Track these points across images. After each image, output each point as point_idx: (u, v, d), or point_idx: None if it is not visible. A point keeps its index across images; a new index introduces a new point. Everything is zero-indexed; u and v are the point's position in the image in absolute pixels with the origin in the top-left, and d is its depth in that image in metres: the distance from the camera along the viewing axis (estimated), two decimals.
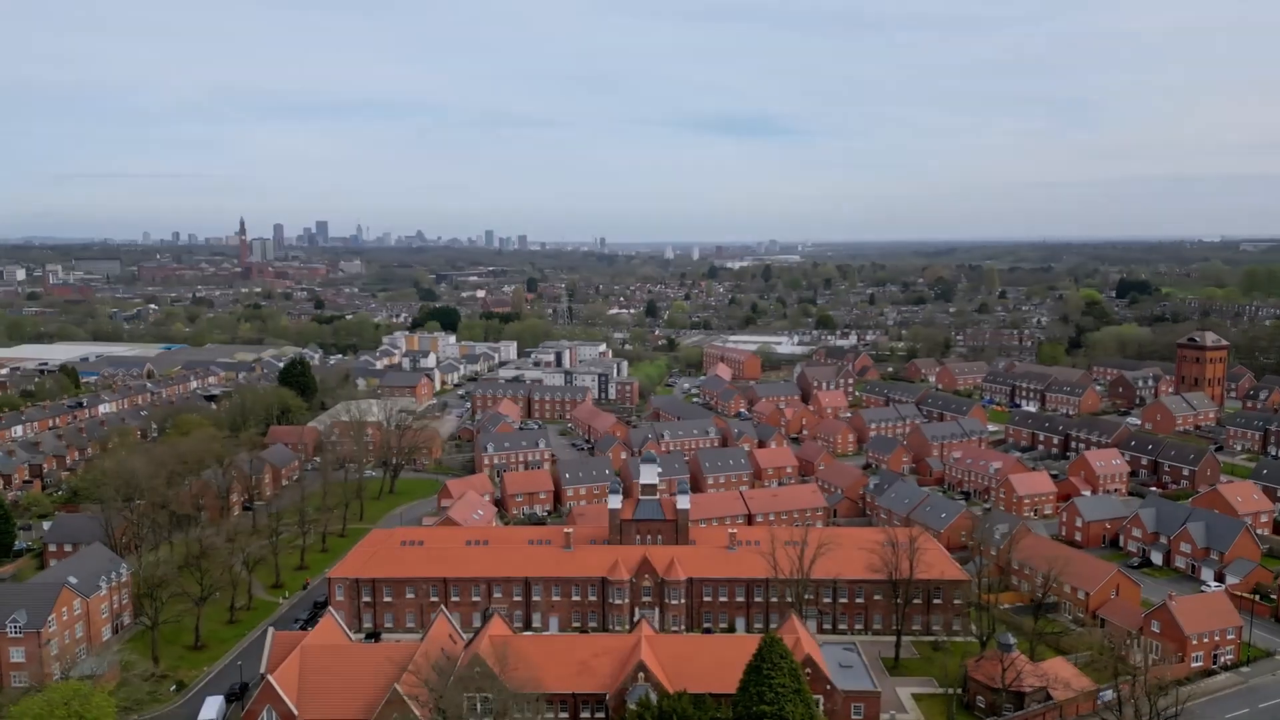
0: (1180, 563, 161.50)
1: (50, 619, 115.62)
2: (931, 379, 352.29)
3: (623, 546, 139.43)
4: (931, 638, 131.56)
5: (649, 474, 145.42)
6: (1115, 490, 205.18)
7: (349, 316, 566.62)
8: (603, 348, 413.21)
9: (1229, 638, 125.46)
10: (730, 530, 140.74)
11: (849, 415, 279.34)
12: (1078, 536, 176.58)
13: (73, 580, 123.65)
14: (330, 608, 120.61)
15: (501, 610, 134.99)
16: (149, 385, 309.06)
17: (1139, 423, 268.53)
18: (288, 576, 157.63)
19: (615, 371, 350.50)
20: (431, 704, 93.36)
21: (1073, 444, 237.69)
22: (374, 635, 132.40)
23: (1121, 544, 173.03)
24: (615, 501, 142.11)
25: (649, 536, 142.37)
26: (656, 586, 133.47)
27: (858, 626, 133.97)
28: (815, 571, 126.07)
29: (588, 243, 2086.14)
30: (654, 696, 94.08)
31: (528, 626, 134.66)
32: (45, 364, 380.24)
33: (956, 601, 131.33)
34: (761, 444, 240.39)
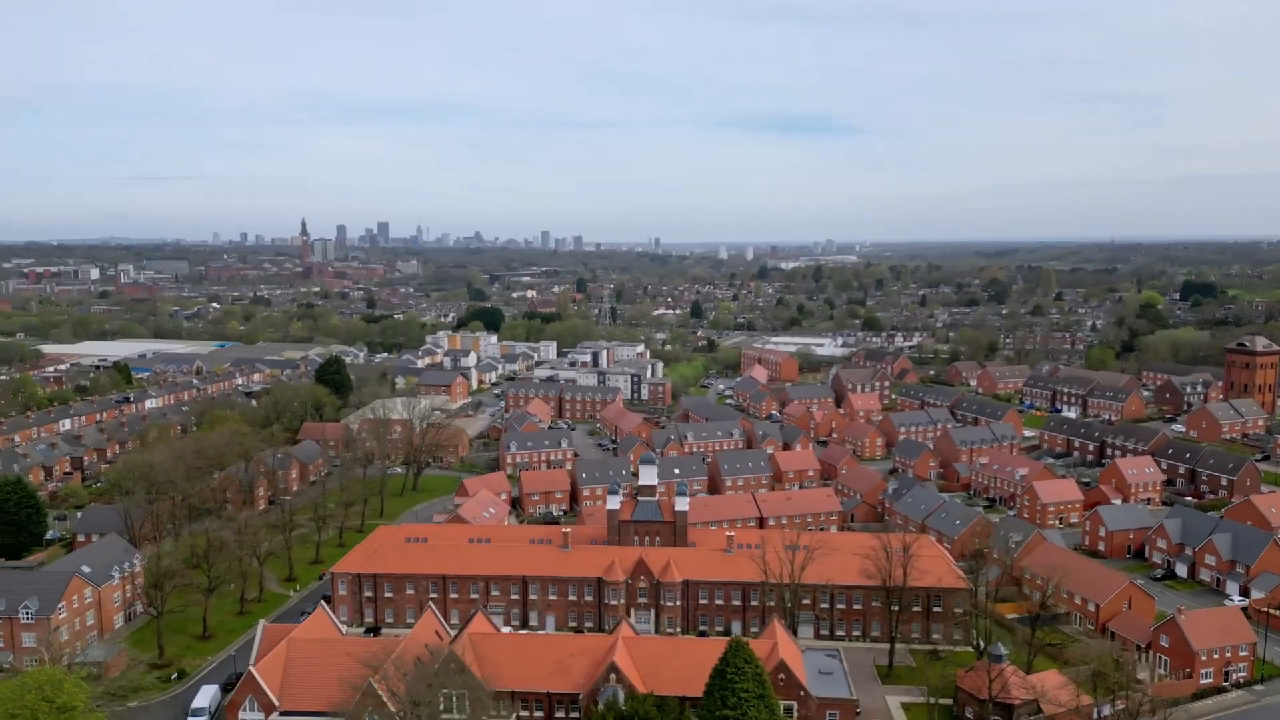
0: (1205, 576, 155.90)
1: (60, 606, 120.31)
2: (972, 383, 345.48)
3: (620, 547, 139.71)
4: (931, 646, 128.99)
5: (647, 475, 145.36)
6: (1148, 500, 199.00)
7: (398, 316, 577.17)
8: (640, 348, 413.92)
9: (1242, 654, 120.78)
10: (728, 533, 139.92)
11: (880, 419, 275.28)
12: (1101, 547, 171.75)
13: (85, 569, 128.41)
14: (323, 602, 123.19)
15: (499, 608, 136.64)
16: (195, 381, 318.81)
17: (1184, 430, 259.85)
18: (301, 570, 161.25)
19: (649, 372, 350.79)
20: (406, 699, 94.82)
21: (1109, 451, 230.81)
22: (374, 630, 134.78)
23: (1147, 555, 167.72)
24: (614, 502, 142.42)
25: (647, 538, 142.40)
26: (652, 588, 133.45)
27: (855, 633, 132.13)
28: (808, 576, 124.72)
29: (642, 243, 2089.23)
30: (622, 698, 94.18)
31: (525, 625, 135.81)
32: (104, 360, 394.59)
33: (956, 610, 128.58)
34: (786, 446, 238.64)
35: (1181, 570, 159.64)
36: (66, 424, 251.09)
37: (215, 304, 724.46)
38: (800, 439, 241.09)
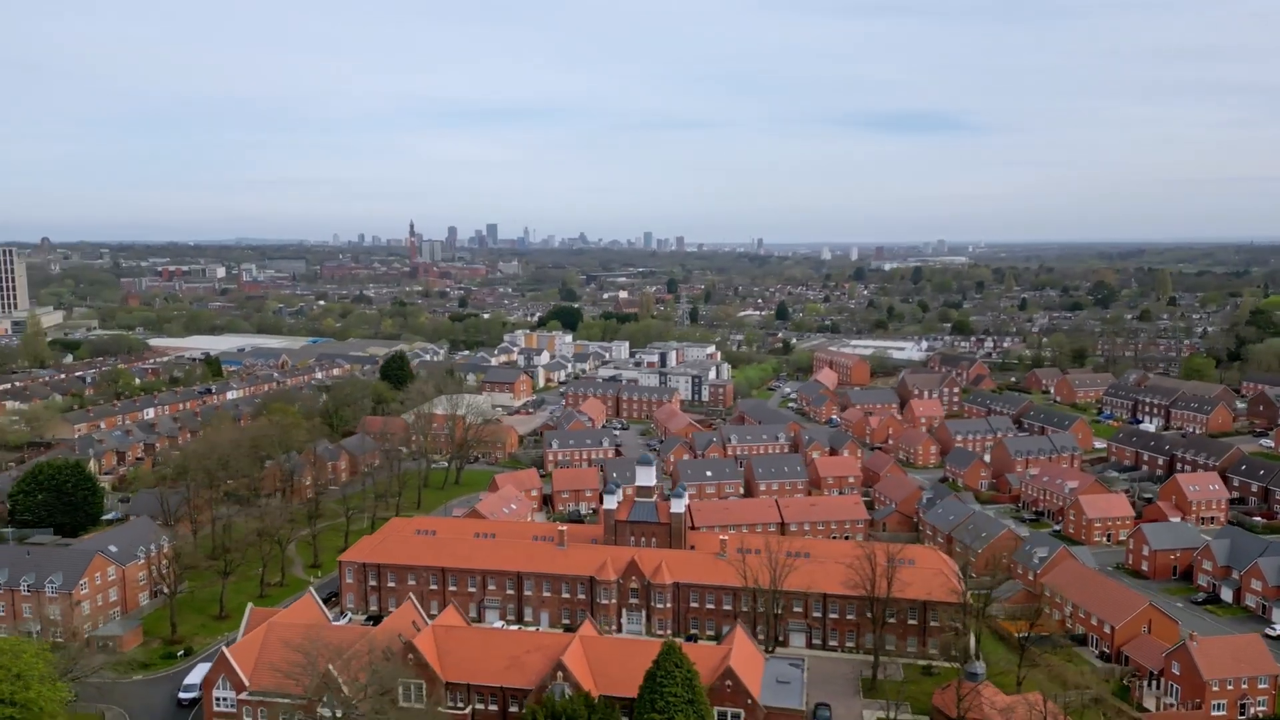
0: (1250, 601, 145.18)
1: (82, 582, 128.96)
2: (1051, 390, 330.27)
3: (614, 547, 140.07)
4: (926, 661, 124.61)
5: (644, 476, 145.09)
6: (1212, 519, 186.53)
7: (484, 315, 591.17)
8: (711, 349, 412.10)
9: (1261, 686, 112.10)
10: (721, 537, 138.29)
11: (937, 426, 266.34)
12: (1144, 566, 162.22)
13: (112, 549, 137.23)
14: (310, 588, 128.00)
15: (495, 603, 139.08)
16: (275, 375, 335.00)
17: (1273, 445, 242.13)
18: (328, 558, 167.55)
19: (714, 374, 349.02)
20: (367, 687, 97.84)
21: (1177, 465, 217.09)
22: (376, 618, 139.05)
23: (1194, 577, 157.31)
24: (611, 502, 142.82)
25: (643, 539, 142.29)
26: (643, 589, 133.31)
27: (849, 644, 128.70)
28: (791, 583, 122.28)
29: (744, 244, 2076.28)
30: (567, 695, 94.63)
31: (520, 620, 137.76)
32: (207, 353, 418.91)
33: (952, 624, 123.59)
34: (833, 452, 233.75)
35: (1227, 595, 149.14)
36: (150, 413, 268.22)
37: (322, 301, 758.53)
38: (848, 444, 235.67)
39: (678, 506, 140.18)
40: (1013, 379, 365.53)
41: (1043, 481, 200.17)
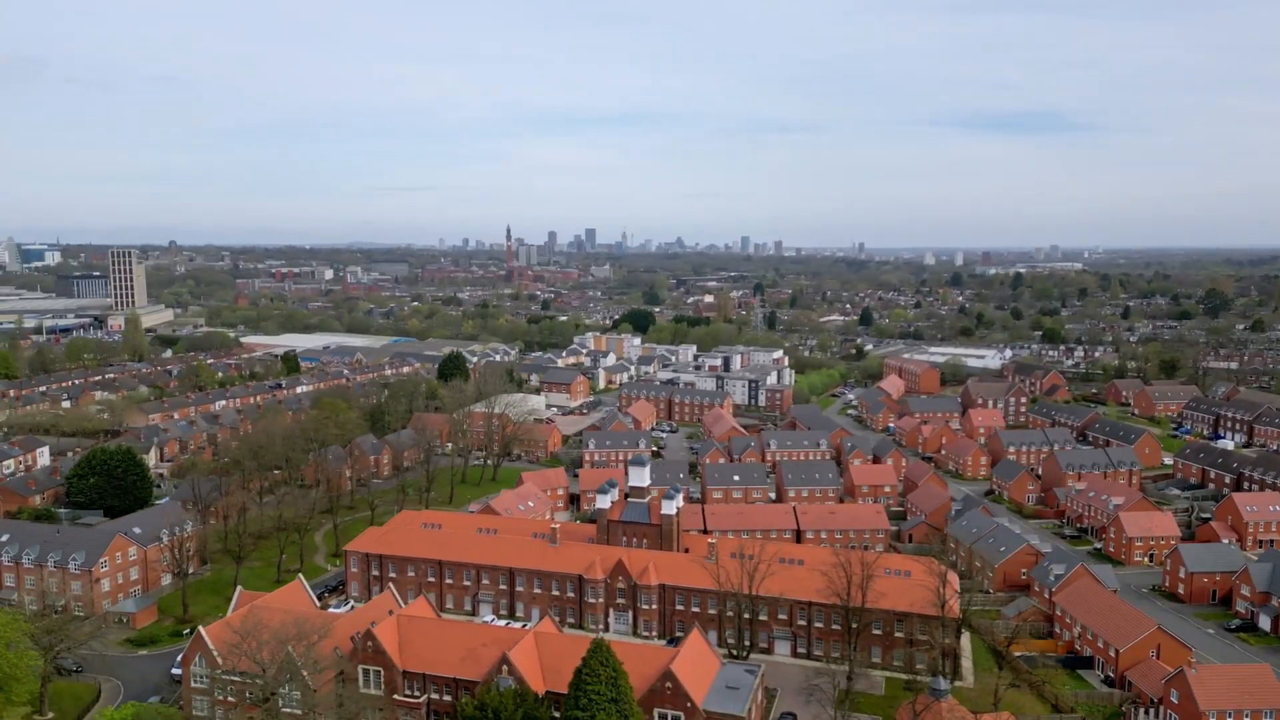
0: None
1: (103, 561, 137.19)
2: (1130, 402, 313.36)
3: (604, 547, 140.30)
4: (910, 676, 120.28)
5: (637, 477, 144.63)
6: (1271, 542, 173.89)
7: (563, 318, 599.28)
8: (778, 354, 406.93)
9: None
10: (710, 540, 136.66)
11: (990, 437, 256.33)
12: (1180, 590, 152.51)
13: (136, 530, 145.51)
14: (300, 575, 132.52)
15: (489, 597, 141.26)
16: (346, 372, 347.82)
17: None
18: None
19: (773, 378, 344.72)
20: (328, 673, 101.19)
21: (1245, 484, 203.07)
22: None
23: (1233, 603, 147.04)
24: (604, 502, 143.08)
25: (634, 539, 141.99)
26: (630, 589, 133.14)
27: (833, 655, 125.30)
28: (768, 589, 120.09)
29: (844, 248, 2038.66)
30: (511, 689, 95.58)
31: (512, 615, 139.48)
32: (293, 349, 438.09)
33: (923, 638, 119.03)
34: (877, 460, 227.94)
35: (1264, 622, 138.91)
36: (221, 404, 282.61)
37: (416, 302, 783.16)
38: (891, 453, 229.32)
39: (668, 508, 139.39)
40: (1093, 390, 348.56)
41: (1088, 497, 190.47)
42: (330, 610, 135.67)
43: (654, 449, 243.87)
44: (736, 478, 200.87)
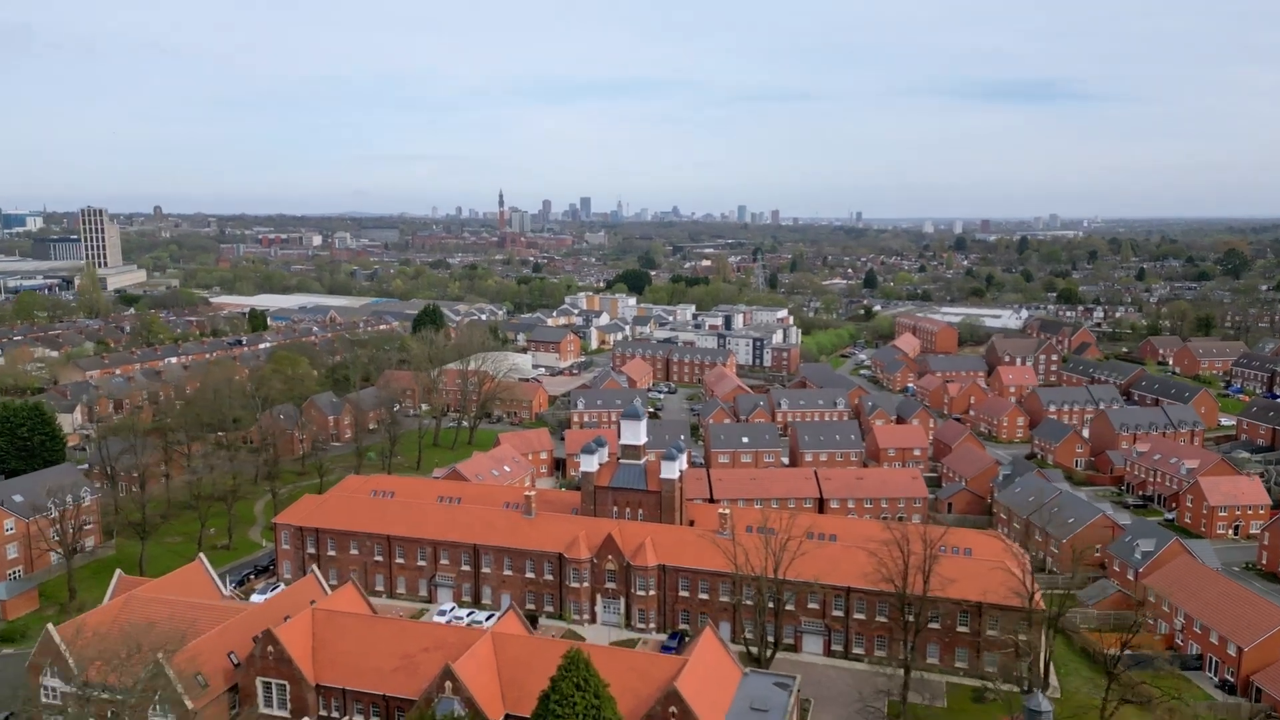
0: None
1: None
2: (1169, 361, 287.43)
3: (592, 519, 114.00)
4: (981, 683, 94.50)
5: (632, 433, 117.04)
6: None
7: (552, 280, 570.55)
8: (782, 313, 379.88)
9: None
10: (722, 510, 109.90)
11: (1026, 396, 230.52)
12: None
13: (17, 499, 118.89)
14: (201, 555, 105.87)
15: (448, 580, 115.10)
16: (316, 329, 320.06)
17: None
18: None
19: (778, 337, 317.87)
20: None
21: None
22: None
23: None
24: (590, 463, 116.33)
25: (628, 509, 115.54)
26: (621, 571, 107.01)
27: (879, 652, 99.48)
28: (798, 571, 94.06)
29: (842, 218, 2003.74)
30: (459, 712, 69.56)
31: (477, 603, 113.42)
32: (267, 309, 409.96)
33: (1013, 638, 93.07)
34: (900, 422, 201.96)
35: None
36: (173, 359, 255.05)
37: (406, 264, 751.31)
38: (918, 413, 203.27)
39: (669, 471, 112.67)
40: (1124, 349, 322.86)
41: (1153, 460, 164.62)
42: (253, 599, 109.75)
43: (651, 410, 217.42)
44: (745, 439, 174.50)
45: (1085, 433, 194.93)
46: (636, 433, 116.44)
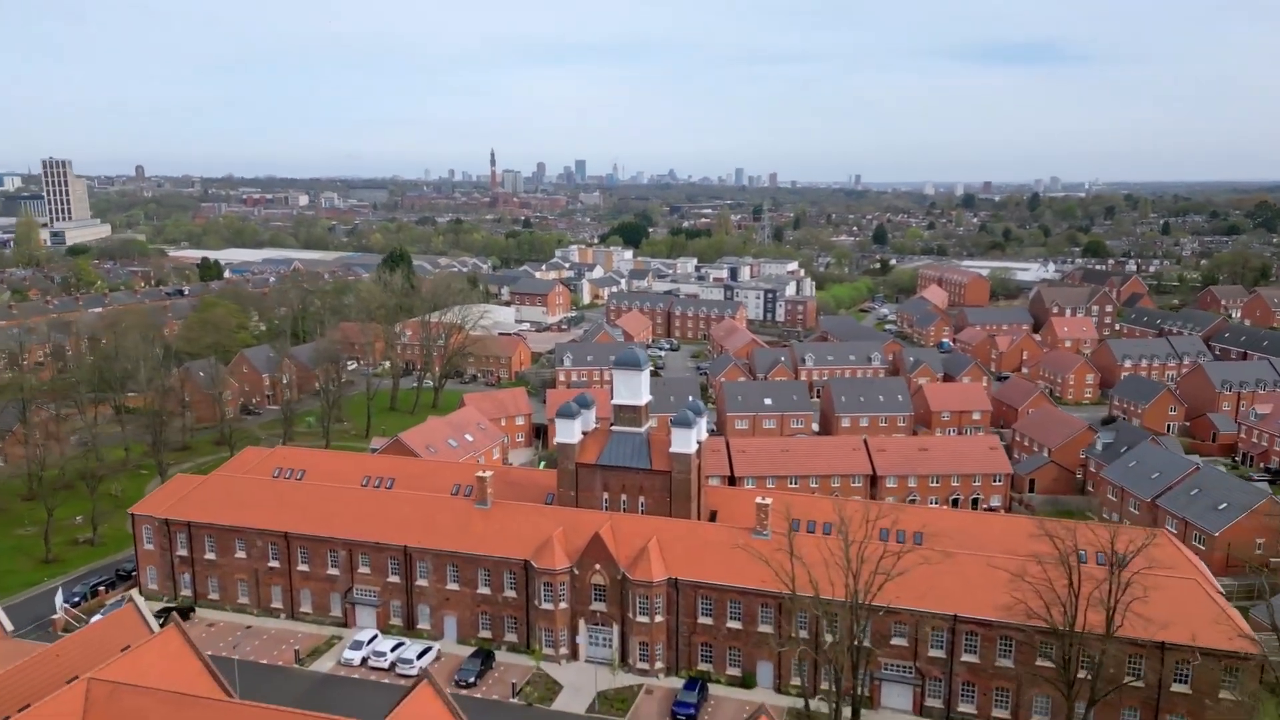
0: None
1: None
2: (1235, 314, 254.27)
3: (572, 509, 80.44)
4: None
5: (629, 388, 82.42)
6: None
7: (544, 235, 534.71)
8: (793, 266, 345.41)
9: None
10: (762, 500, 76.06)
11: (1094, 349, 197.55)
12: None
13: None
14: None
15: (371, 595, 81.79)
16: (271, 280, 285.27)
17: None
18: None
19: (792, 289, 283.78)
20: None
21: None
22: (185, 611, 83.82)
23: None
24: (569, 430, 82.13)
25: (624, 496, 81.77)
26: (615, 587, 73.86)
27: (998, 712, 66.62)
28: (885, 596, 61.11)
29: (841, 181, 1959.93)
30: None
31: (410, 628, 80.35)
32: (229, 263, 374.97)
33: (1239, 699, 60.28)
34: (948, 379, 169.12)
35: None
36: (98, 309, 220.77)
37: (390, 222, 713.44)
38: (969, 370, 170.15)
39: (683, 442, 78.77)
40: (1175, 301, 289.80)
41: (1277, 424, 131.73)
42: (94, 620, 76.27)
43: (652, 369, 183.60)
44: (769, 401, 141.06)
45: (1174, 390, 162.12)
46: (636, 389, 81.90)
